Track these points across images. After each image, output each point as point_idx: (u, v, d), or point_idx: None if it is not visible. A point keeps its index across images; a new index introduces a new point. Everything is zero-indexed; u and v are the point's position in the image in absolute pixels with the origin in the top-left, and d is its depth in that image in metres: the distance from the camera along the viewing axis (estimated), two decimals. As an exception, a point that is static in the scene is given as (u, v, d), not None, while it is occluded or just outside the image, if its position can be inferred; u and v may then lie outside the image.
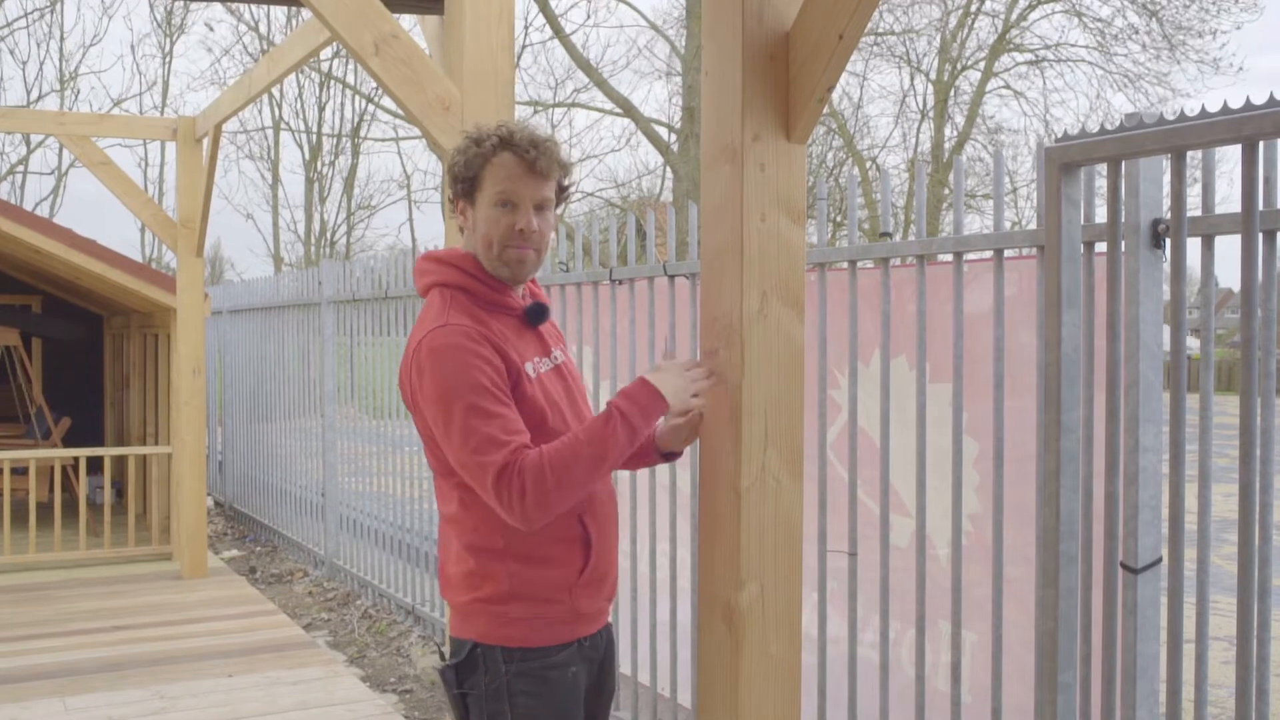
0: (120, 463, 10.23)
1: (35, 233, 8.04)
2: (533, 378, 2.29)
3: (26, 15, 25.26)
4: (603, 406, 2.61)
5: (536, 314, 2.39)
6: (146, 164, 28.69)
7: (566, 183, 2.39)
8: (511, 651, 2.30)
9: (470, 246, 2.36)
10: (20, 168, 26.37)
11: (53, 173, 26.81)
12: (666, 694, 4.59)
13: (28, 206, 24.90)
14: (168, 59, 28.75)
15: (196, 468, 8.00)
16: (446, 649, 2.43)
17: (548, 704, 2.31)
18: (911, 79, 23.62)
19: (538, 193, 2.30)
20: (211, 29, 39.10)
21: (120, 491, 10.59)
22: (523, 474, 2.12)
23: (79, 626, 6.62)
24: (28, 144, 25.72)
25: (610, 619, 2.58)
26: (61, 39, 26.92)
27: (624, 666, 4.85)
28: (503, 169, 2.28)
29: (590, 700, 2.48)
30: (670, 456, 2.52)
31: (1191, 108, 2.50)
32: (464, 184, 2.33)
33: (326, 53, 23.59)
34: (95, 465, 9.81)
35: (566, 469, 2.15)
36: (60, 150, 25.61)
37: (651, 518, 4.58)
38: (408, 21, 5.12)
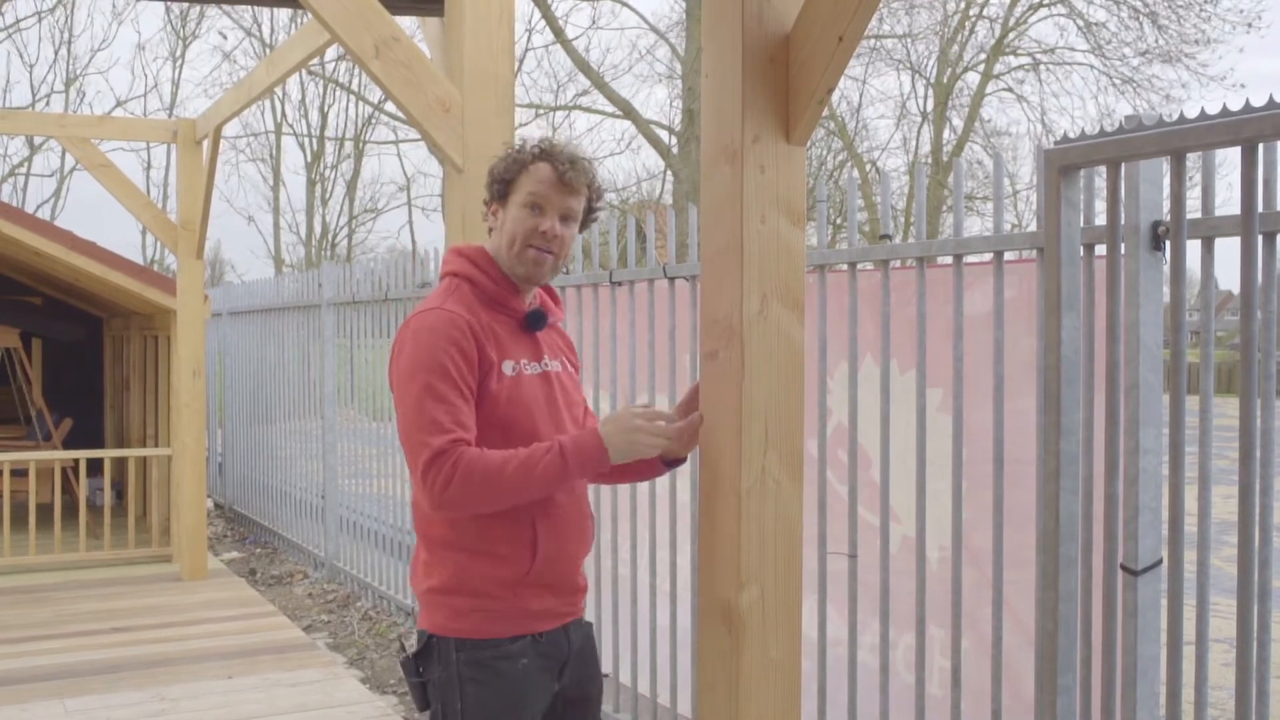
0: (120, 464, 10.22)
1: (36, 235, 8.04)
2: (508, 375, 2.38)
3: (38, 14, 25.30)
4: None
5: (534, 320, 2.47)
6: (150, 167, 28.77)
7: (597, 205, 2.51)
8: (463, 642, 2.38)
9: (493, 245, 2.47)
10: (22, 170, 26.42)
11: (54, 175, 26.87)
12: (666, 703, 4.58)
13: (29, 208, 24.93)
14: (178, 63, 28.81)
15: (196, 470, 8.00)
16: (411, 641, 2.52)
17: (498, 694, 2.37)
18: (911, 81, 23.65)
19: (565, 203, 2.41)
20: (225, 37, 39.09)
21: (120, 493, 10.59)
22: (456, 465, 2.23)
23: (78, 628, 6.62)
24: (30, 146, 25.76)
25: (586, 618, 2.62)
26: (70, 41, 26.96)
27: (623, 675, 4.84)
28: (536, 175, 2.40)
29: (569, 706, 2.52)
30: (673, 464, 2.57)
31: (1191, 110, 2.50)
32: (500, 185, 2.45)
33: (331, 55, 23.60)
34: (95, 467, 9.81)
35: (494, 478, 2.25)
36: (62, 153, 25.64)
37: (651, 523, 4.58)
38: (408, 24, 5.12)
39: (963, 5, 22.16)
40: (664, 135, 20.46)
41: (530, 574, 2.39)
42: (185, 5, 26.70)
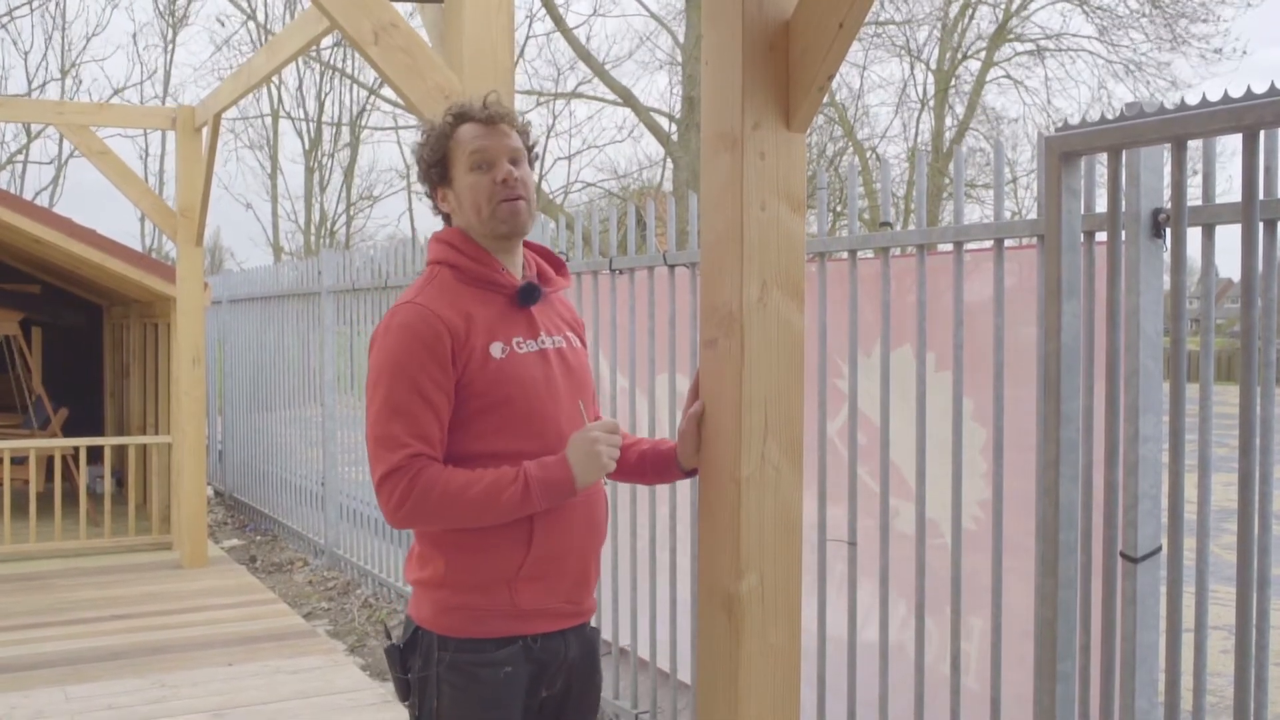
0: (120, 452, 10.23)
1: (34, 222, 8.03)
2: (495, 358, 2.26)
3: (30, 3, 25.21)
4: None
5: (526, 294, 2.35)
6: (147, 155, 28.71)
7: (531, 143, 2.40)
8: (446, 640, 2.28)
9: (465, 223, 2.36)
10: (20, 157, 26.35)
11: (52, 162, 26.80)
12: (666, 669, 4.60)
13: (27, 196, 24.87)
14: (170, 48, 28.74)
15: (196, 457, 8.00)
16: (397, 629, 2.43)
17: (473, 700, 2.27)
18: (911, 68, 23.59)
19: (506, 145, 2.31)
20: (223, 24, 38.85)
21: (120, 481, 10.60)
22: (413, 483, 2.17)
23: (79, 616, 6.63)
24: (28, 133, 25.69)
25: (592, 624, 2.49)
26: (64, 28, 26.87)
27: (624, 641, 4.86)
28: (466, 136, 2.32)
29: (562, 713, 2.42)
30: (693, 473, 2.44)
31: (1192, 97, 2.49)
32: (436, 169, 2.36)
33: (328, 41, 23.52)
34: (95, 455, 9.81)
35: (452, 501, 2.19)
36: (60, 140, 25.58)
37: (651, 506, 4.59)
38: (406, 10, 5.11)
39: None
40: (664, 123, 20.42)
41: (524, 568, 2.27)
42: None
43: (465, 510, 2.20)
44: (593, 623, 2.51)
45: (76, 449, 8.83)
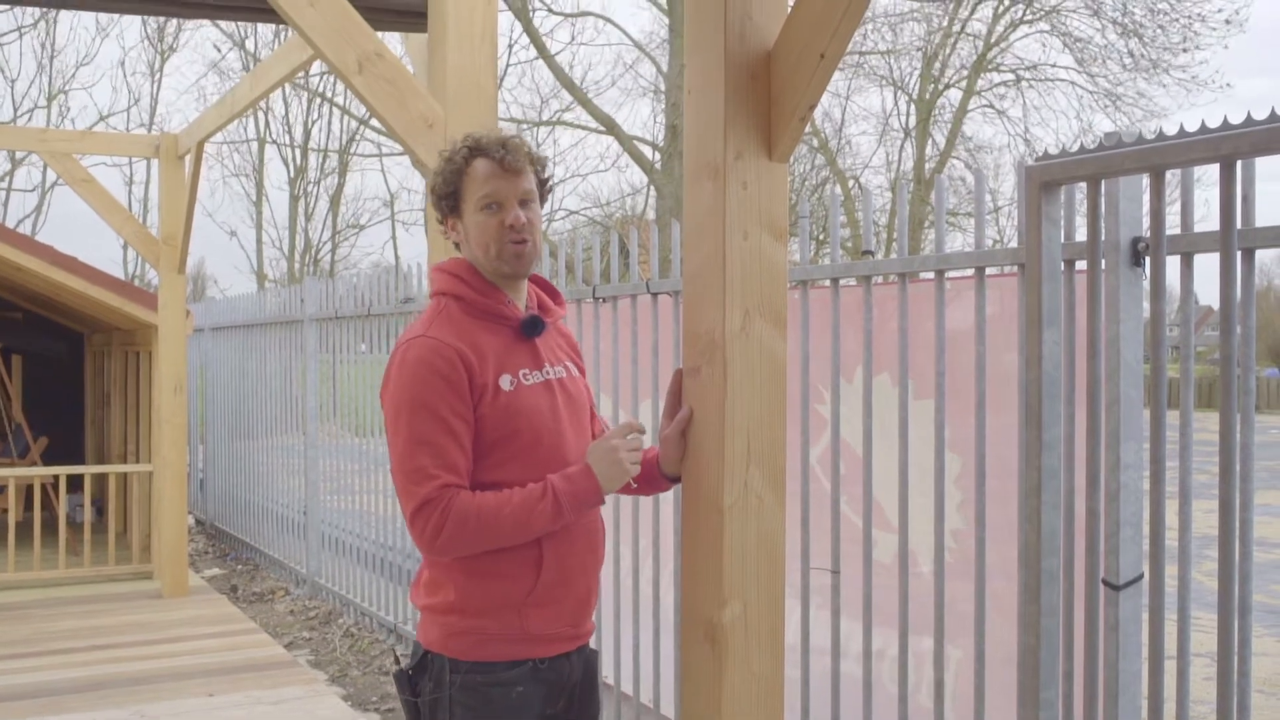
0: (101, 481, 10.15)
1: (16, 250, 8.00)
2: (505, 390, 2.30)
3: (19, 29, 25.23)
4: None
5: (530, 326, 2.39)
6: (132, 182, 28.67)
7: (546, 176, 2.44)
8: (458, 663, 2.32)
9: (470, 255, 2.40)
10: (3, 184, 26.29)
11: (35, 189, 26.74)
12: (650, 704, 4.57)
13: (10, 223, 24.80)
14: (157, 76, 28.74)
15: (177, 486, 7.95)
16: (405, 653, 2.46)
17: None
18: (894, 98, 23.77)
19: (518, 188, 2.34)
20: (220, 50, 38.81)
21: (100, 510, 10.51)
22: (446, 513, 2.20)
23: (59, 646, 6.56)
24: (12, 160, 25.65)
25: (591, 644, 2.53)
26: (52, 56, 26.87)
27: (607, 675, 4.83)
28: (479, 174, 2.34)
29: None
30: (679, 480, 2.46)
31: (1171, 127, 2.52)
32: (447, 200, 2.38)
33: (315, 70, 23.57)
34: (75, 483, 9.73)
35: (489, 525, 2.23)
36: (44, 168, 25.53)
37: (634, 533, 4.58)
38: (391, 40, 5.13)
39: (945, 22, 22.29)
40: (647, 151, 20.50)
41: (534, 594, 2.31)
42: (163, 19, 26.67)
43: (500, 533, 2.24)
44: (591, 644, 2.55)
45: (56, 477, 8.76)
